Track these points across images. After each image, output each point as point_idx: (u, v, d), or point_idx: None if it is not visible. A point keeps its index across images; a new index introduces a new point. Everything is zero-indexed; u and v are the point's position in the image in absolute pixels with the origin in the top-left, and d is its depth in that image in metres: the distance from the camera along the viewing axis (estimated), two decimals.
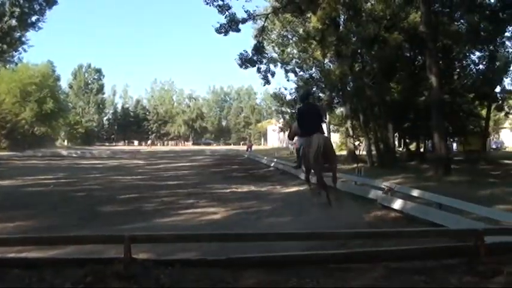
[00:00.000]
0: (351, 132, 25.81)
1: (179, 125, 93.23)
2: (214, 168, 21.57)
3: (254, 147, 52.21)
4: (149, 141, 63.70)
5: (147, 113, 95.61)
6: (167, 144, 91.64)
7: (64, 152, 43.99)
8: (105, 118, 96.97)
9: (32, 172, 18.50)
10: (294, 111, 32.03)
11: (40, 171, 19.65)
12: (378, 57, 19.64)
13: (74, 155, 40.77)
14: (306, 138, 8.45)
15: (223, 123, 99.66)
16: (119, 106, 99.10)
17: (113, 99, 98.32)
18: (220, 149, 57.40)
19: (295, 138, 9.56)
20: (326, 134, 10.51)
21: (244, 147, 50.29)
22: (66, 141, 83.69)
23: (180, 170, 20.42)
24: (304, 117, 8.64)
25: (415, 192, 8.40)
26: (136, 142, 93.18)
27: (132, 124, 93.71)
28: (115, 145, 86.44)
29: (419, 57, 21.78)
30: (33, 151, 42.16)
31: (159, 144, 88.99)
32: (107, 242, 4.49)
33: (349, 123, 25.70)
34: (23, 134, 53.35)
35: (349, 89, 23.30)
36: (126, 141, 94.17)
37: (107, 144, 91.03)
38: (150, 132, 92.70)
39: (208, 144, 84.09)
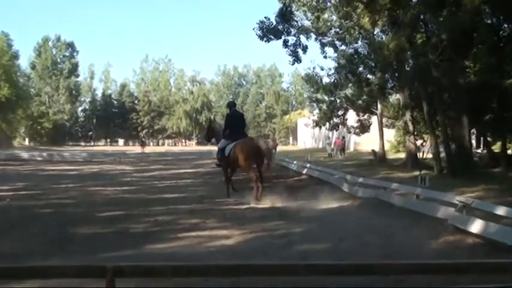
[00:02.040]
0: (410, 128, 25.85)
1: (179, 118, 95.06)
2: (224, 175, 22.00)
3: (280, 147, 52.62)
4: (141, 140, 66.40)
5: (136, 102, 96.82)
6: (163, 144, 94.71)
7: (25, 155, 44.84)
8: (79, 109, 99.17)
9: None
10: (332, 98, 32.07)
11: None
12: (447, 26, 18.78)
13: (39, 158, 41.60)
14: (239, 140, 12.81)
15: None
16: (99, 93, 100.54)
17: (90, 83, 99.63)
18: None
19: (223, 140, 13.73)
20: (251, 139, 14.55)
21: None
22: (27, 139, 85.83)
23: (181, 179, 20.87)
24: (232, 121, 13.47)
25: (501, 210, 8.27)
26: (121, 141, 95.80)
27: (116, 117, 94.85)
28: (93, 145, 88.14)
29: (505, 26, 21.42)
30: None
31: (151, 143, 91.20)
32: (83, 274, 4.25)
33: (408, 116, 25.73)
34: None
35: (408, 68, 23.24)
36: (109, 140, 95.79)
37: (83, 144, 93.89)
38: (139, 128, 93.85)
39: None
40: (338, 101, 32.69)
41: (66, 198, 13.80)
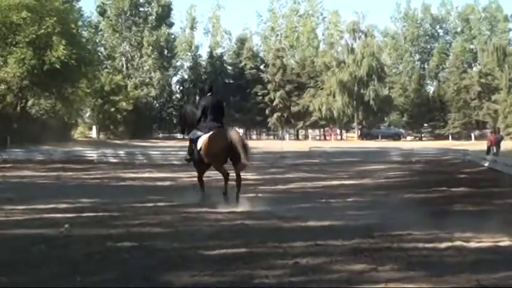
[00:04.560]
0: None
1: (330, 94, 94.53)
2: (407, 191, 22.60)
3: (505, 142, 54.09)
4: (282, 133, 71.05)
5: (262, 68, 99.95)
6: (304, 137, 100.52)
7: (91, 154, 47.10)
8: (174, 79, 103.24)
9: (25, 195, 19.70)
10: None
11: (42, 193, 21.05)
12: None
13: (112, 160, 44.07)
14: (210, 132, 16.14)
15: (431, 90, 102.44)
16: (203, 53, 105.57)
17: (190, 37, 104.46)
18: (423, 147, 59.86)
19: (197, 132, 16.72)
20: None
21: (482, 144, 53.65)
22: (94, 129, 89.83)
23: (334, 197, 21.17)
24: (209, 109, 16.54)
25: None
26: (240, 131, 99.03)
27: (230, 91, 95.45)
28: None
29: None
30: (24, 150, 45.87)
31: (286, 136, 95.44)
32: None
33: None
34: (3, 113, 58.28)
35: None
36: None
37: (180, 135, 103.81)
38: (268, 110, 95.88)
39: (398, 136, 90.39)
40: None
41: (155, 225, 13.68)
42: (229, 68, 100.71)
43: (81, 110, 79.19)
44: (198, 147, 16.20)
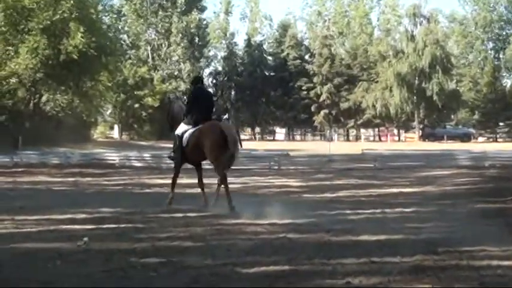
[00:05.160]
0: None
1: (386, 88, 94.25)
2: (478, 201, 21.93)
3: None
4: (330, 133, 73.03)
5: (307, 58, 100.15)
6: (356, 138, 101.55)
7: (112, 156, 47.88)
8: (206, 71, 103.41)
9: (38, 204, 20.04)
10: None
11: (57, 201, 21.40)
12: None
13: (137, 164, 44.62)
14: (197, 127, 16.99)
15: (507, 83, 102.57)
16: (240, 41, 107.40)
17: (224, 23, 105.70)
18: (498, 150, 57.84)
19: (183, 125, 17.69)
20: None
21: None
22: (116, 128, 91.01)
23: (392, 206, 20.83)
24: (199, 101, 17.62)
25: None
26: (281, 132, 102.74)
27: (270, 85, 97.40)
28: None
29: None
30: (37, 152, 46.54)
31: (335, 136, 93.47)
32: None
33: None
34: (14, 111, 58.82)
35: None
36: (254, 131, 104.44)
37: None
38: (314, 109, 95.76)
39: (468, 137, 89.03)
40: None
41: (185, 239, 13.86)
42: (270, 58, 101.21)
43: (101, 107, 78.59)
44: (184, 144, 17.05)
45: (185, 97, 32.69)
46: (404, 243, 13.56)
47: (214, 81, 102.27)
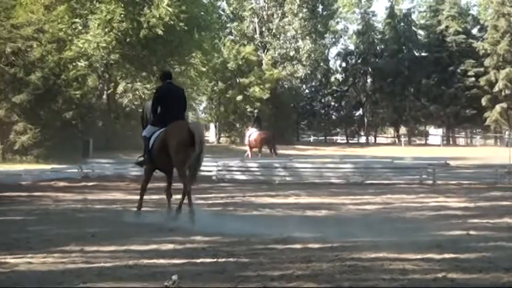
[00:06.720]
0: None
1: None
2: None
3: None
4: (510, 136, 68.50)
5: (479, 33, 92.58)
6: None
7: (209, 166, 46.00)
8: (333, 52, 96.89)
9: (114, 230, 18.73)
10: None
11: (138, 226, 19.97)
12: None
13: (240, 177, 43.13)
14: (167, 127, 16.60)
15: None
16: (380, 10, 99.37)
17: None
18: None
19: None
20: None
21: None
22: (213, 128, 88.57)
23: None
24: (167, 99, 17.09)
25: None
26: (436, 134, 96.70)
27: (423, 70, 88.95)
28: (368, 143, 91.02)
29: None
30: (112, 161, 43.81)
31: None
32: None
33: None
34: (83, 105, 55.99)
35: None
36: (398, 132, 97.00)
37: (345, 140, 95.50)
38: (486, 102, 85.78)
39: None
40: None
41: (305, 278, 12.28)
42: (421, 33, 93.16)
43: (193, 100, 72.81)
44: (150, 146, 17.19)
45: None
46: None
47: (344, 64, 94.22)
